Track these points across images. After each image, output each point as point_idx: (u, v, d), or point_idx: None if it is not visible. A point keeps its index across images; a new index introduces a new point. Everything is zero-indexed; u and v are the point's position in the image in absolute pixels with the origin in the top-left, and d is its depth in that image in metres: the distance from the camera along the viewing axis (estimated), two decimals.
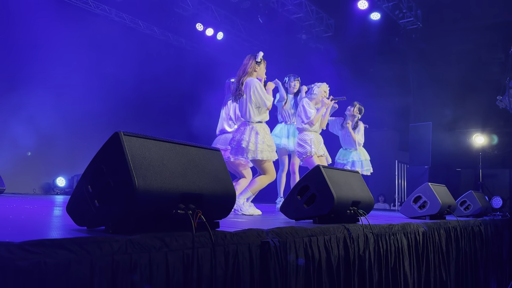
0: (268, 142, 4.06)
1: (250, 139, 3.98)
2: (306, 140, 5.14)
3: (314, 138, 5.17)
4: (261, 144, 3.98)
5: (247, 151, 3.96)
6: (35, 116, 8.07)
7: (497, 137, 9.49)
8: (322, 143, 5.27)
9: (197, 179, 1.79)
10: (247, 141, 3.97)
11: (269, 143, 4.07)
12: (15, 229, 1.76)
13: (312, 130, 5.20)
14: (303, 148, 5.13)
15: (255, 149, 3.95)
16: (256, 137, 3.99)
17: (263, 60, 4.18)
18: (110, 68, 8.90)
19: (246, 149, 3.96)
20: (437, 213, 4.43)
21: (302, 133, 5.22)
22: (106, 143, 1.65)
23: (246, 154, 3.97)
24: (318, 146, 5.14)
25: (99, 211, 1.62)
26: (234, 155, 4.07)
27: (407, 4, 9.37)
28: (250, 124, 4.07)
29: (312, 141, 5.12)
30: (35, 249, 1.20)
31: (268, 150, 4.02)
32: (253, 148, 3.95)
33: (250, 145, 3.96)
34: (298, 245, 2.18)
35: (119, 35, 9.45)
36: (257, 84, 4.04)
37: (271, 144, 4.10)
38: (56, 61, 8.38)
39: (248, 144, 3.96)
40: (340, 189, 2.78)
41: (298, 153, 5.21)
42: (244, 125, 4.11)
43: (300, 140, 5.20)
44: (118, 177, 1.58)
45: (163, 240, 1.54)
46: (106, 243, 1.37)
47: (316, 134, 5.23)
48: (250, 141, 3.97)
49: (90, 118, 8.89)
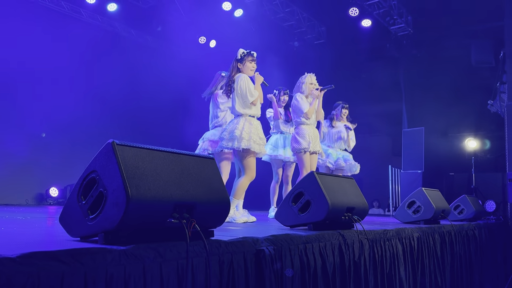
0: (260, 135, 4.00)
1: (244, 128, 3.90)
2: (304, 135, 5.00)
3: (312, 132, 5.05)
4: (254, 135, 3.92)
5: (240, 139, 3.86)
6: (26, 126, 8.03)
7: (490, 141, 9.56)
8: (318, 138, 5.17)
9: (191, 188, 1.78)
10: (240, 130, 3.89)
11: (261, 136, 4.01)
12: (7, 242, 1.74)
13: (309, 123, 5.09)
14: (298, 144, 4.98)
15: (249, 138, 3.87)
16: (250, 128, 3.93)
17: (247, 56, 4.10)
18: (102, 77, 8.88)
19: (239, 137, 3.86)
20: (431, 218, 4.44)
21: (299, 127, 5.08)
22: (99, 152, 1.65)
23: (239, 143, 3.86)
24: (314, 141, 5.04)
25: (92, 221, 1.61)
26: (225, 145, 3.95)
27: (398, 11, 9.46)
28: (243, 116, 4.01)
29: (310, 136, 5.01)
30: (28, 261, 1.19)
31: (259, 143, 3.95)
32: (246, 137, 3.87)
33: (244, 133, 3.87)
34: (293, 252, 2.17)
35: (111, 43, 9.45)
36: (244, 79, 3.99)
37: (262, 138, 4.04)
38: (46, 70, 8.34)
39: (242, 132, 3.88)
40: (334, 195, 2.78)
41: (293, 148, 5.05)
42: (237, 117, 4.04)
43: (297, 134, 5.04)
44: (111, 187, 1.57)
45: (157, 250, 1.54)
46: (100, 254, 1.36)
47: (313, 128, 5.12)
48: (243, 130, 3.89)
49: (82, 128, 8.84)
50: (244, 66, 4.08)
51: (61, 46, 8.50)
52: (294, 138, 5.09)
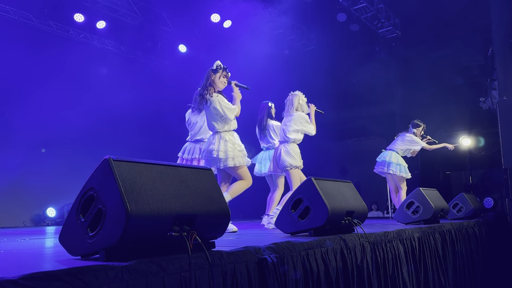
0: (238, 147, 4.00)
1: (220, 148, 3.93)
2: (297, 152, 5.02)
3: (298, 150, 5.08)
4: (231, 151, 3.93)
5: (218, 160, 3.91)
6: (20, 147, 7.99)
7: (484, 138, 9.61)
8: None
9: (190, 200, 1.78)
10: (217, 151, 3.93)
11: (239, 148, 4.01)
12: (7, 264, 1.73)
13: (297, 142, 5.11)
14: (292, 160, 4.95)
15: (226, 157, 3.90)
16: (226, 145, 3.94)
17: (222, 70, 4.09)
18: (95, 96, 8.88)
19: (217, 158, 3.91)
20: (430, 217, 4.45)
21: (290, 143, 5.03)
22: (96, 169, 1.64)
23: (218, 163, 3.92)
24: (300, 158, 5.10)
25: (92, 239, 1.60)
26: (211, 166, 3.99)
27: (385, 14, 9.55)
28: (218, 133, 4.02)
29: (298, 154, 5.03)
30: (29, 283, 1.18)
31: (239, 155, 3.96)
32: (223, 157, 3.90)
33: (220, 153, 3.91)
34: (295, 259, 2.16)
35: (103, 61, 9.46)
36: (219, 100, 3.98)
37: (242, 149, 4.04)
38: (40, 90, 8.33)
39: (218, 153, 3.91)
40: (333, 200, 2.78)
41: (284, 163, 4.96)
42: (213, 135, 4.07)
43: (291, 150, 4.99)
44: (109, 203, 1.56)
45: (159, 265, 1.52)
46: (102, 271, 1.35)
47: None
48: (219, 150, 3.92)
49: (76, 146, 8.82)
50: (217, 79, 4.06)
51: (50, 65, 8.51)
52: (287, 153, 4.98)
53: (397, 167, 6.49)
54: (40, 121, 8.28)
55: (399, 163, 6.56)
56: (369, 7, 9.19)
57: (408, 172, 6.58)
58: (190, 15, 9.58)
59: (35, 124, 8.20)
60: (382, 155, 6.70)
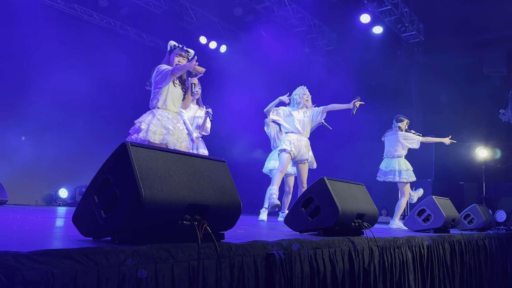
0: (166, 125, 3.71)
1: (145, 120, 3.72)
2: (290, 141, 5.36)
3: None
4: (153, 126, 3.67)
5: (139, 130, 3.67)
6: (36, 128, 8.09)
7: (500, 151, 9.48)
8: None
9: (203, 190, 1.79)
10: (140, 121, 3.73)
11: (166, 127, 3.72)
12: (21, 239, 1.76)
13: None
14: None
15: (146, 129, 3.65)
16: (152, 119, 3.72)
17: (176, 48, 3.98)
18: (113, 80, 8.94)
19: (138, 128, 3.68)
20: (441, 226, 4.41)
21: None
22: (113, 153, 1.66)
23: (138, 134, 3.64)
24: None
25: (105, 221, 1.62)
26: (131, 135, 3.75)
27: (410, 18, 9.44)
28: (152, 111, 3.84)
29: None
30: (42, 259, 1.20)
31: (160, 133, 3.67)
32: (144, 128, 3.66)
33: (143, 125, 3.68)
34: (303, 257, 2.16)
35: (123, 48, 9.52)
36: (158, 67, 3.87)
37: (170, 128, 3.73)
38: (57, 73, 8.38)
39: (141, 123, 3.70)
40: (344, 201, 2.77)
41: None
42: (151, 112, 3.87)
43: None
44: (124, 187, 1.58)
45: (169, 251, 1.54)
46: (113, 253, 1.36)
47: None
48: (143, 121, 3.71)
49: (92, 130, 8.91)
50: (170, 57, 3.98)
51: (69, 49, 8.60)
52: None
53: (407, 173, 6.43)
54: (56, 103, 8.35)
55: (408, 168, 6.51)
56: (394, 10, 9.09)
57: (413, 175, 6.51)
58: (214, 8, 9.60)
59: (51, 106, 8.26)
60: (390, 163, 6.61)
